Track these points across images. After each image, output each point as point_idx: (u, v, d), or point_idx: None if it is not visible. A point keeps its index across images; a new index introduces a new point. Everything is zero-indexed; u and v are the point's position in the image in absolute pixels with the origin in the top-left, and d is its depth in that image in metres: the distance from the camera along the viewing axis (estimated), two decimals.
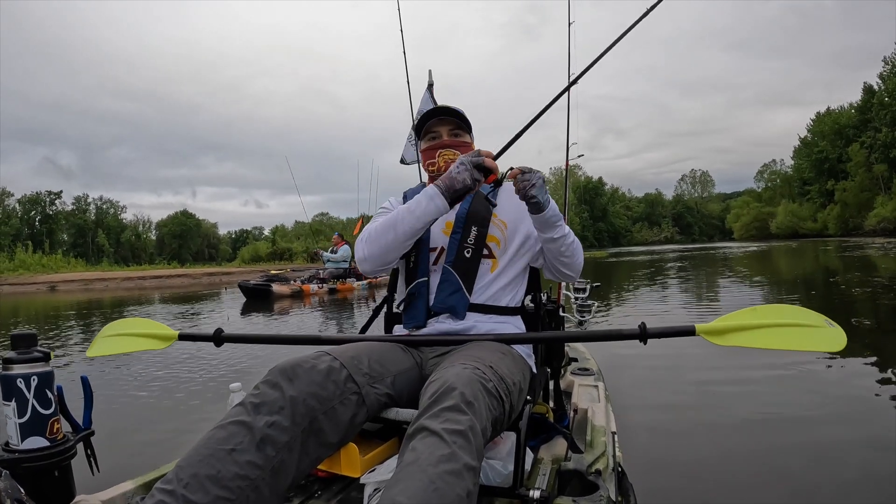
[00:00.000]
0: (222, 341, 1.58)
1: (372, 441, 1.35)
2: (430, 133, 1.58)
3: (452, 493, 0.81)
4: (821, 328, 1.10)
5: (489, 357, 1.17)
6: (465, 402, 0.94)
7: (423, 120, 1.61)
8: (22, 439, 1.27)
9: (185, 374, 3.92)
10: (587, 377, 2.29)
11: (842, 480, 2.05)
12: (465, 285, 1.44)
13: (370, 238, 1.42)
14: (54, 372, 1.35)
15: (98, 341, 1.66)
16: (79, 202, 62.48)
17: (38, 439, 1.28)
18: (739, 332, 1.14)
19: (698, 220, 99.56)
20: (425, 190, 1.35)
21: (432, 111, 1.57)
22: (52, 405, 1.31)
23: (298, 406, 1.00)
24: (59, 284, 23.56)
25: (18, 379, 1.27)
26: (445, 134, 1.56)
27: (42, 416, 1.29)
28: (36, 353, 1.31)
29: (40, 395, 1.28)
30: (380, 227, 1.40)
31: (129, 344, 1.64)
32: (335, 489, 1.33)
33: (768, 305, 1.19)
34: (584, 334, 1.57)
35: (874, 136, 45.14)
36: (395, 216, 1.38)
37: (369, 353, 1.23)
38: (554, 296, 1.86)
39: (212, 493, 0.87)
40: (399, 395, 1.25)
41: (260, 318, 8.53)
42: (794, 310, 1.15)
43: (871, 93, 46.75)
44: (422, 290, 1.48)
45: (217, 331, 1.56)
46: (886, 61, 44.25)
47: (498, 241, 1.53)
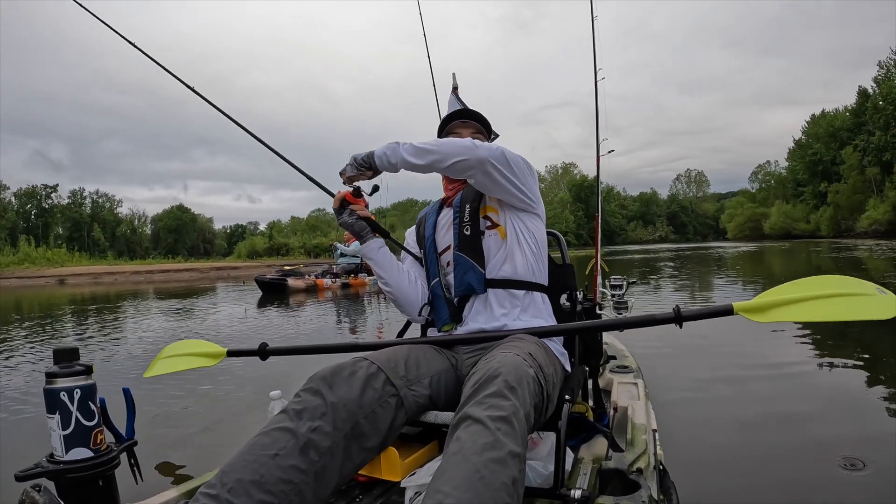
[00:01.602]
0: (267, 355, 1.62)
1: (412, 445, 1.36)
2: (452, 134, 1.59)
3: (498, 480, 0.81)
4: (871, 296, 1.04)
5: (526, 346, 1.19)
6: (509, 388, 0.95)
7: (444, 122, 1.63)
8: (66, 451, 1.31)
9: (224, 384, 3.90)
10: (626, 374, 2.27)
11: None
12: (475, 261, 1.44)
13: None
14: (96, 384, 1.38)
15: (157, 363, 1.76)
16: (75, 196, 62.34)
17: (82, 450, 1.31)
18: (783, 308, 1.08)
19: (693, 220, 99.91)
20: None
21: (456, 113, 1.60)
22: (95, 417, 1.34)
23: (340, 412, 1.02)
24: (67, 278, 23.85)
25: (62, 392, 1.30)
26: (468, 136, 1.55)
27: (85, 427, 1.32)
28: (78, 367, 1.34)
29: (83, 408, 1.32)
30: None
31: (183, 363, 1.72)
32: (376, 493, 1.33)
33: (812, 278, 1.12)
34: (618, 321, 1.57)
35: (867, 139, 45.45)
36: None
37: (405, 355, 1.24)
38: (590, 294, 1.82)
39: (255, 497, 0.88)
40: (437, 397, 1.27)
41: (276, 312, 8.63)
42: (841, 280, 1.09)
43: (865, 96, 47.08)
44: (437, 290, 1.52)
45: (262, 345, 1.60)
46: (881, 65, 44.57)
47: (496, 210, 1.50)
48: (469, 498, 0.78)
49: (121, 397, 1.47)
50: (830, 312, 1.03)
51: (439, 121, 1.69)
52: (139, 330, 7.06)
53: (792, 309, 1.07)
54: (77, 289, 18.71)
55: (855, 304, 1.03)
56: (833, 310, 1.04)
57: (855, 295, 1.05)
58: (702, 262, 19.03)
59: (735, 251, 28.14)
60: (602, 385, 1.99)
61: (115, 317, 8.95)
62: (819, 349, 4.04)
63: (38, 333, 6.98)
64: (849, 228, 45.68)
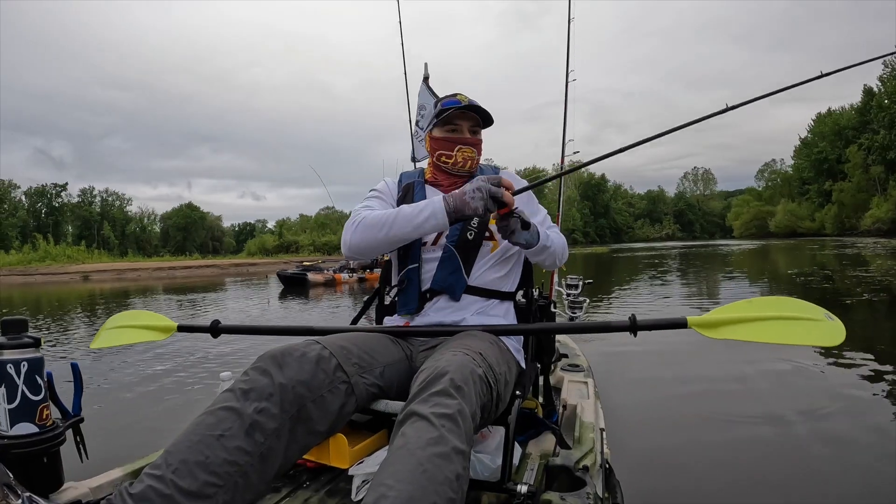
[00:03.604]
0: (219, 332, 1.59)
1: (361, 433, 1.36)
2: (450, 124, 1.53)
3: (441, 475, 0.81)
4: (819, 321, 1.06)
5: (479, 345, 1.16)
6: (455, 387, 0.95)
7: (444, 109, 1.54)
8: (11, 425, 1.26)
9: (177, 364, 3.87)
10: (577, 373, 2.28)
11: (830, 479, 2.02)
12: (464, 266, 1.43)
13: (362, 227, 1.39)
14: (44, 358, 1.33)
15: (102, 333, 1.69)
16: (84, 194, 63.41)
17: (27, 425, 1.27)
18: (733, 325, 1.11)
19: (699, 218, 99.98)
20: (431, 203, 1.31)
21: (464, 107, 1.51)
22: (41, 391, 1.30)
23: (287, 393, 1.00)
24: (91, 274, 24.54)
25: (8, 364, 1.26)
26: (466, 129, 1.53)
27: (32, 402, 1.28)
28: (26, 339, 1.30)
29: (30, 381, 1.27)
30: (374, 221, 1.37)
31: (131, 336, 1.68)
32: (323, 480, 1.32)
33: (765, 297, 1.14)
34: (574, 325, 1.54)
35: (872, 137, 45.42)
36: (392, 216, 1.34)
37: (359, 343, 1.22)
38: (546, 291, 1.88)
39: (200, 478, 0.87)
40: (388, 387, 1.24)
41: (296, 303, 9.05)
42: (791, 302, 1.11)
43: (870, 94, 46.95)
44: (413, 276, 1.46)
45: (214, 322, 1.58)
46: (886, 64, 43.98)
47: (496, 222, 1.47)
48: (412, 490, 0.78)
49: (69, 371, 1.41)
50: (779, 335, 1.06)
51: (409, 115, 1.63)
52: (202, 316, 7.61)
53: (742, 328, 1.10)
54: (103, 284, 19.30)
55: (803, 329, 1.06)
56: (782, 333, 1.06)
57: (804, 319, 1.07)
58: (706, 260, 19.24)
59: (741, 249, 28.39)
60: (553, 382, 2.01)
61: (161, 308, 9.52)
62: (768, 352, 4.05)
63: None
64: (853, 227, 45.72)
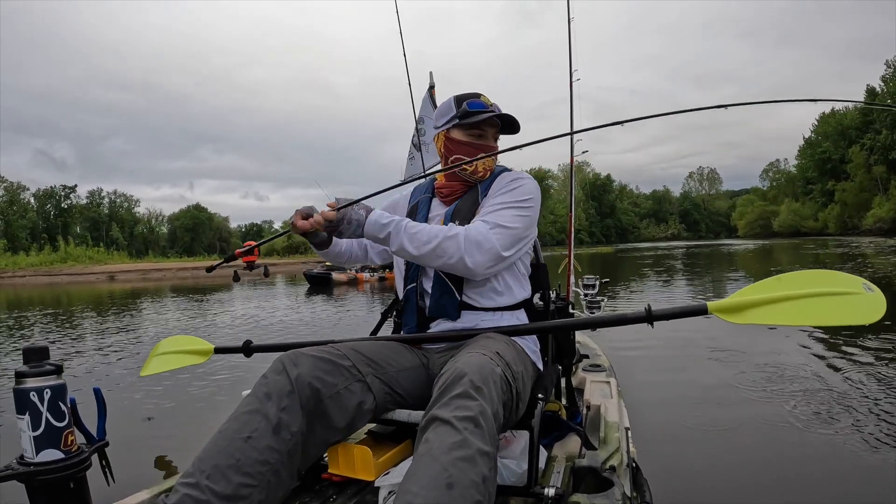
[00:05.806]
0: (251, 352, 1.65)
1: (385, 444, 1.35)
2: (477, 129, 1.45)
3: (466, 478, 0.80)
4: (857, 294, 0.96)
5: (494, 345, 1.15)
6: (475, 388, 0.94)
7: (470, 113, 1.44)
8: (37, 452, 1.27)
9: (200, 384, 3.82)
10: (599, 373, 2.25)
11: (866, 481, 1.95)
12: (453, 285, 1.36)
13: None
14: (67, 384, 1.33)
15: (151, 360, 1.75)
16: (93, 196, 63.81)
17: (52, 452, 1.28)
18: (760, 308, 1.03)
19: (705, 218, 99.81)
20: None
21: (497, 116, 1.44)
22: (65, 417, 1.30)
23: (304, 388, 1.02)
24: (116, 274, 25.30)
25: (31, 392, 1.26)
26: (492, 136, 1.47)
27: (56, 428, 1.28)
28: (48, 367, 1.30)
29: (54, 408, 1.28)
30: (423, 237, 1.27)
31: (174, 361, 1.74)
32: (350, 493, 1.30)
33: (796, 272, 1.04)
34: (589, 320, 1.52)
35: (874, 137, 45.44)
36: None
37: (373, 348, 1.24)
38: (563, 293, 1.86)
39: (234, 480, 0.88)
40: (407, 395, 1.25)
41: (320, 301, 9.51)
42: (826, 275, 1.01)
43: (873, 95, 46.19)
44: (411, 295, 1.43)
45: (246, 342, 1.61)
46: (889, 64, 44.50)
47: None
48: (437, 497, 0.77)
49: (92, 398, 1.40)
50: (811, 316, 0.97)
51: (415, 123, 1.57)
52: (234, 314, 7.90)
53: (770, 310, 1.02)
54: (129, 284, 19.76)
55: (838, 306, 0.97)
56: (814, 312, 0.98)
57: (839, 294, 0.98)
58: (711, 259, 19.40)
59: (745, 248, 28.45)
60: (575, 384, 1.99)
61: (203, 308, 9.92)
62: (799, 344, 3.95)
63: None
64: (855, 226, 45.74)
